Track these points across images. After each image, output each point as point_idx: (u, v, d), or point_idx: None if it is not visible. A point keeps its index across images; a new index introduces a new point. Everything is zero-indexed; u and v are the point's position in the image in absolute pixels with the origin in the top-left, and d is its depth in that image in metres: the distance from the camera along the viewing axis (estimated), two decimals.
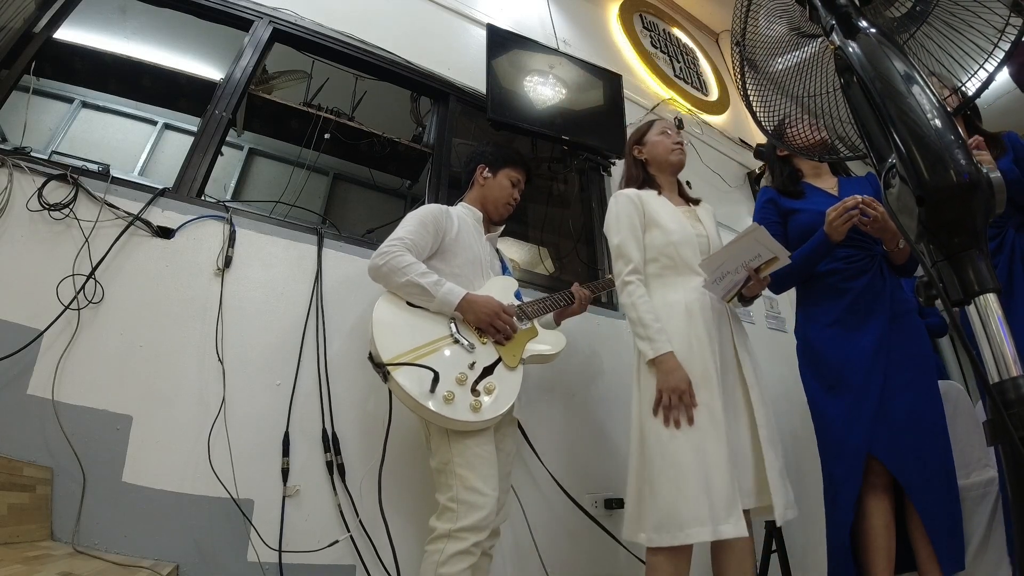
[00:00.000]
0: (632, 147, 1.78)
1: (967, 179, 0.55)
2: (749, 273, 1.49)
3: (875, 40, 0.68)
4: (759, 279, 1.50)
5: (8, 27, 1.77)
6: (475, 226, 1.75)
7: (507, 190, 1.80)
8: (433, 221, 1.60)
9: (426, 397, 1.32)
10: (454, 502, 1.31)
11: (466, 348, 1.46)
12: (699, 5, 4.40)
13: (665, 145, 1.71)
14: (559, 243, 2.95)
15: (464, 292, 1.49)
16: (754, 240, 1.46)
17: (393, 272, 1.46)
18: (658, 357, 1.40)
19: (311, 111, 2.34)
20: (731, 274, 1.50)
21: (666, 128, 1.76)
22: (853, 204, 1.49)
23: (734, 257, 1.48)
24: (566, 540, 1.86)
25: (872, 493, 1.49)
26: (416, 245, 1.53)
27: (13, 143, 1.92)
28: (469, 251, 1.65)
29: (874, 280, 1.61)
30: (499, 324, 1.51)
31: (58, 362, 1.38)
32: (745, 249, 1.47)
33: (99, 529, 1.30)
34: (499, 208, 1.80)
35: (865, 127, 0.68)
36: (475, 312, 1.49)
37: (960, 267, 0.56)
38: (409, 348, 1.38)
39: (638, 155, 1.75)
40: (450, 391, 1.35)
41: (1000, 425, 0.51)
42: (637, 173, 1.73)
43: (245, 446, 1.50)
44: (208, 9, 2.16)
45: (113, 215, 1.59)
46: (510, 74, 2.55)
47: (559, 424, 2.03)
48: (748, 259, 1.47)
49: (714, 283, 1.52)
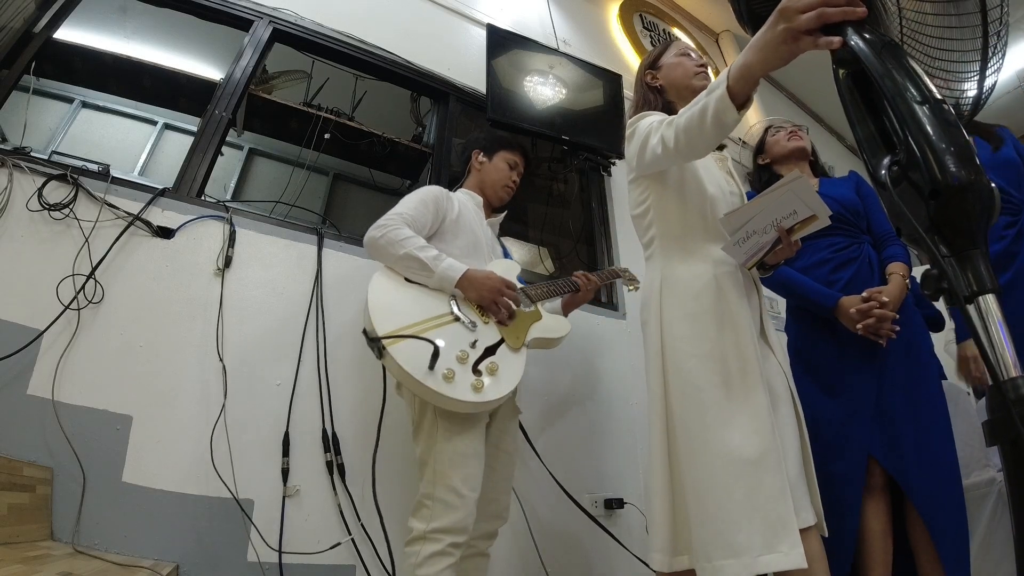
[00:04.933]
0: (645, 72, 1.47)
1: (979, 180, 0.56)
2: (780, 234, 1.20)
3: (880, 40, 0.69)
4: (790, 242, 1.21)
5: (8, 27, 1.77)
6: (476, 210, 1.69)
7: (504, 172, 1.75)
8: (434, 200, 1.54)
9: (424, 374, 1.22)
10: (430, 499, 1.25)
11: (467, 326, 1.38)
12: (699, 5, 4.40)
13: (686, 67, 1.41)
14: (559, 243, 2.95)
15: (465, 267, 1.41)
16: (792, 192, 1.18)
17: (390, 244, 1.38)
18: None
19: (311, 111, 2.34)
20: (758, 234, 1.22)
21: (686, 49, 1.46)
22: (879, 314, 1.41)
23: (766, 212, 1.20)
24: (566, 540, 1.86)
25: (870, 495, 1.44)
26: (416, 221, 1.45)
27: (13, 143, 1.92)
28: (470, 234, 1.59)
29: (862, 269, 1.58)
30: (501, 301, 1.43)
31: (58, 362, 1.38)
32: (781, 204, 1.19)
33: (99, 529, 1.30)
34: (498, 192, 1.75)
35: (859, 121, 0.69)
36: (476, 288, 1.41)
37: (963, 266, 0.56)
38: (407, 324, 1.29)
39: (651, 81, 1.44)
40: (450, 369, 1.26)
41: (1000, 425, 0.51)
42: (655, 99, 1.41)
43: (245, 446, 1.50)
44: (208, 9, 2.16)
45: (113, 215, 1.59)
46: (510, 74, 2.56)
47: (559, 424, 2.03)
48: (782, 216, 1.20)
49: (736, 244, 1.23)
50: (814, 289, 1.56)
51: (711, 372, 1.16)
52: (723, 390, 1.14)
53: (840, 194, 1.69)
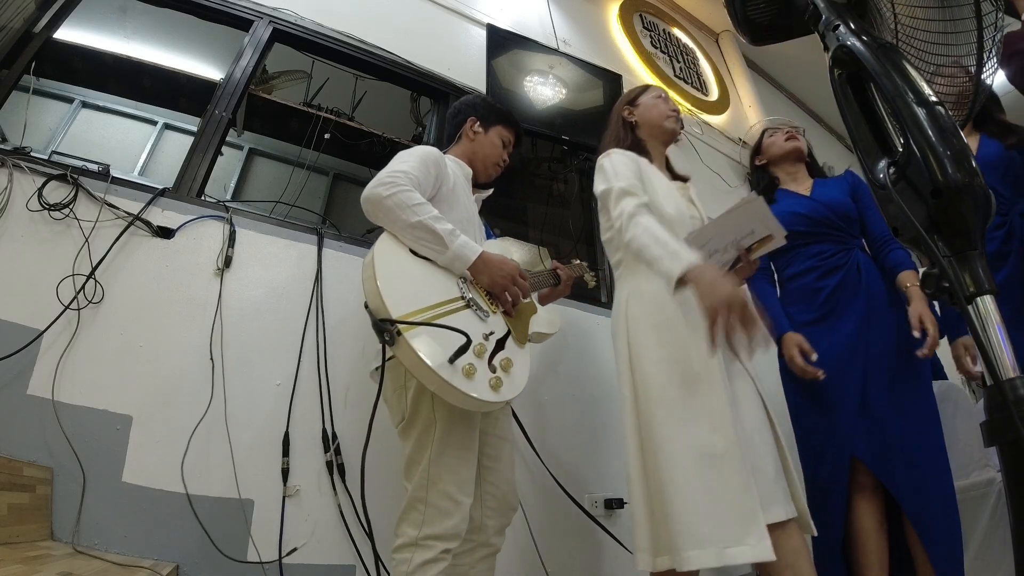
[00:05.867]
0: (623, 107, 1.62)
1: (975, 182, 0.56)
2: (739, 253, 1.31)
3: (877, 42, 0.69)
4: (749, 261, 1.34)
5: (8, 27, 1.77)
6: (465, 183, 1.53)
7: (498, 149, 1.61)
8: (435, 164, 1.37)
9: (443, 367, 1.07)
10: (422, 504, 1.15)
11: (479, 315, 1.24)
12: (699, 5, 4.40)
13: (660, 109, 1.56)
14: (559, 243, 2.95)
15: (480, 248, 1.27)
16: (751, 212, 1.26)
17: (401, 208, 1.19)
18: (690, 269, 1.10)
19: (311, 111, 2.35)
20: (719, 253, 1.31)
21: (662, 94, 1.62)
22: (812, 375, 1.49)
23: (726, 232, 1.29)
24: (566, 540, 1.86)
25: (860, 494, 1.45)
26: (420, 184, 1.27)
27: (13, 143, 1.92)
28: (463, 208, 1.44)
29: (849, 276, 1.59)
30: (512, 290, 1.31)
31: (58, 362, 1.38)
32: (740, 223, 1.28)
33: (99, 529, 1.30)
34: (488, 168, 1.60)
35: (854, 121, 0.69)
36: (491, 273, 1.28)
37: (962, 267, 0.57)
38: (420, 307, 1.13)
39: (628, 116, 1.59)
40: (471, 364, 1.11)
41: (999, 425, 0.51)
42: (625, 135, 1.55)
43: (245, 446, 1.50)
44: (208, 9, 2.16)
45: (113, 215, 1.59)
46: (510, 74, 2.56)
47: (559, 424, 2.03)
48: (741, 236, 1.29)
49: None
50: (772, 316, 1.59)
51: (673, 375, 1.24)
52: (684, 390, 1.22)
53: (832, 198, 1.70)
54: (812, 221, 1.67)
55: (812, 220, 1.67)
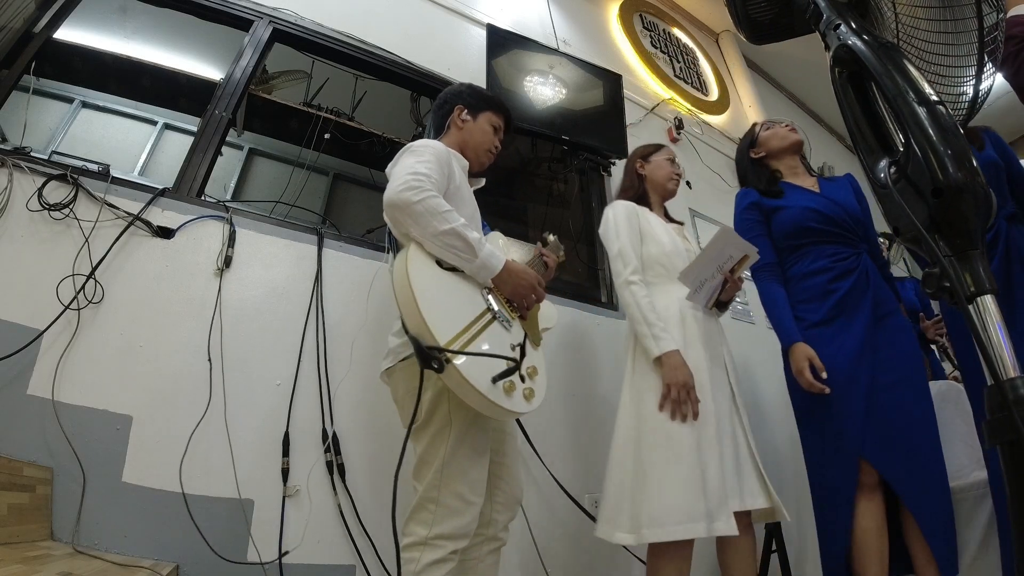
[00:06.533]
0: (637, 159, 1.87)
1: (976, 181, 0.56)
2: (725, 276, 1.58)
3: (878, 41, 0.69)
4: (734, 280, 1.60)
5: (8, 27, 1.77)
6: (465, 177, 1.48)
7: (489, 135, 1.58)
8: (447, 162, 1.35)
9: (489, 388, 1.09)
10: (433, 503, 1.16)
11: (505, 326, 1.24)
12: (699, 5, 4.40)
13: (667, 171, 1.83)
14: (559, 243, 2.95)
15: (504, 257, 1.26)
16: (724, 242, 1.54)
17: (432, 215, 1.16)
18: (664, 354, 1.46)
19: (311, 111, 2.35)
20: (709, 280, 1.58)
21: (672, 156, 1.87)
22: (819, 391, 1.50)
23: (708, 263, 1.56)
24: (566, 540, 1.86)
25: (862, 494, 1.46)
26: (439, 186, 1.25)
27: (13, 143, 1.92)
28: (468, 204, 1.41)
29: (859, 280, 1.60)
30: (531, 300, 1.32)
31: (58, 362, 1.38)
32: (717, 253, 1.55)
33: (99, 529, 1.30)
34: (480, 155, 1.56)
35: (855, 121, 0.69)
36: (514, 283, 1.27)
37: (962, 266, 0.57)
38: (459, 329, 1.12)
39: (640, 169, 1.85)
40: (511, 381, 1.13)
41: (1000, 425, 0.51)
42: (635, 184, 1.84)
43: (245, 446, 1.50)
44: (208, 9, 2.16)
45: (113, 215, 1.59)
46: (510, 74, 2.56)
47: (559, 424, 2.03)
48: (721, 262, 1.56)
49: (695, 292, 1.60)
50: (783, 322, 1.62)
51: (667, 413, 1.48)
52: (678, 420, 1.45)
53: (844, 199, 1.70)
54: (827, 219, 1.65)
55: (827, 218, 1.65)
